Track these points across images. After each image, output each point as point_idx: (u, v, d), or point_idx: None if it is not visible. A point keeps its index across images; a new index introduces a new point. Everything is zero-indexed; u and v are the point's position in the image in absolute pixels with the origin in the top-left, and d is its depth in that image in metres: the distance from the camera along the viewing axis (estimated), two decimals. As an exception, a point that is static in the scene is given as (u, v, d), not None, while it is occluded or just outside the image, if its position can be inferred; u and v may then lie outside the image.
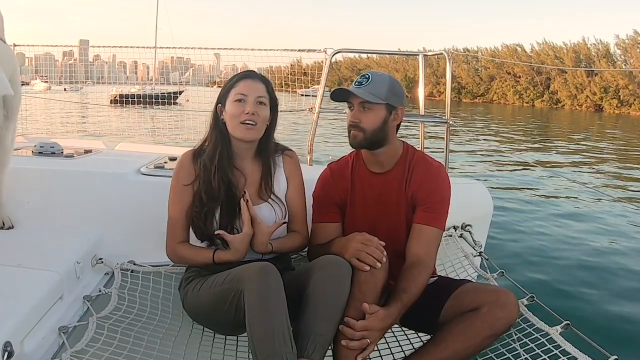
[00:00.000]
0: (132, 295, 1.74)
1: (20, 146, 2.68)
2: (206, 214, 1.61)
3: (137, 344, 1.50)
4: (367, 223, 1.69)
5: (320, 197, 1.78)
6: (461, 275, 1.96)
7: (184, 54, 4.62)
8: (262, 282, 1.36)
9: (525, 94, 57.33)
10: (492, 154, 11.20)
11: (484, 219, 2.45)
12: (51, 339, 1.44)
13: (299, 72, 4.05)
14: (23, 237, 1.90)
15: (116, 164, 2.39)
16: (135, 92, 7.43)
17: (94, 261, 1.89)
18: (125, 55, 4.15)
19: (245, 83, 1.63)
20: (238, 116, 1.60)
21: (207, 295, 1.54)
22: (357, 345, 1.40)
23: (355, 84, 1.65)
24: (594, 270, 4.12)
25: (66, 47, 5.97)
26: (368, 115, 1.64)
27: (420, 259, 1.59)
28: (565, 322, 1.44)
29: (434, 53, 2.86)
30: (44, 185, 2.10)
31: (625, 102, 48.01)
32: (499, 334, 1.45)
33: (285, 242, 1.70)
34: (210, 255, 1.61)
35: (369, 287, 1.45)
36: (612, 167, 11.10)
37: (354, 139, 1.66)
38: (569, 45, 56.36)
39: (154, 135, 4.56)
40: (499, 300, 1.44)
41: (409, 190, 1.69)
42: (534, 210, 6.30)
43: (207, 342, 1.67)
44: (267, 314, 1.32)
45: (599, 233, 5.35)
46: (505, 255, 4.22)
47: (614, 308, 3.37)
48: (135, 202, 2.08)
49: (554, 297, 3.37)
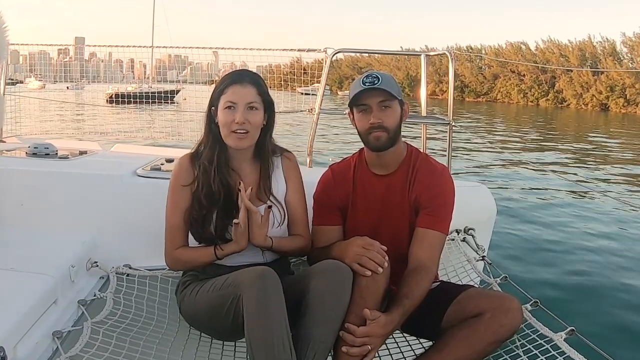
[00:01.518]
0: (127, 300, 1.72)
1: (14, 147, 2.66)
2: (205, 216, 1.59)
3: (133, 350, 1.48)
4: (368, 226, 1.67)
5: (321, 199, 1.75)
6: (464, 280, 1.94)
7: (181, 52, 4.59)
8: (261, 287, 1.34)
9: (530, 93, 56.66)
10: (495, 156, 11.17)
11: (487, 223, 2.43)
12: (45, 344, 1.43)
13: (299, 70, 4.02)
14: (16, 240, 1.88)
15: (112, 166, 2.36)
16: (132, 91, 7.39)
17: (89, 265, 1.87)
18: (122, 53, 4.10)
19: (233, 89, 1.58)
20: (229, 125, 1.57)
21: (205, 300, 1.52)
22: (358, 351, 1.39)
23: (368, 84, 1.60)
24: (599, 275, 4.09)
25: (61, 46, 5.92)
26: (388, 114, 1.62)
27: (423, 264, 1.56)
28: (570, 328, 1.43)
29: (437, 53, 2.83)
30: (38, 187, 2.07)
31: (632, 102, 47.67)
32: (503, 340, 1.43)
33: (286, 240, 1.67)
34: (212, 251, 1.58)
35: (370, 293, 1.43)
36: (619, 169, 11.03)
37: (377, 140, 1.62)
38: (574, 43, 55.86)
39: (151, 135, 4.52)
40: (503, 305, 1.43)
41: (412, 193, 1.66)
42: (538, 213, 6.25)
43: (204, 348, 1.65)
44: (266, 320, 1.30)
45: (605, 237, 5.29)
46: (509, 260, 4.19)
47: (619, 313, 3.35)
48: (131, 204, 2.05)
49: (559, 302, 3.33)
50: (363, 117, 1.64)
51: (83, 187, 2.09)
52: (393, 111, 1.63)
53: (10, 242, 1.86)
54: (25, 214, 2.02)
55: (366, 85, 1.60)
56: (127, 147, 3.16)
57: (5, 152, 2.49)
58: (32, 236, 1.89)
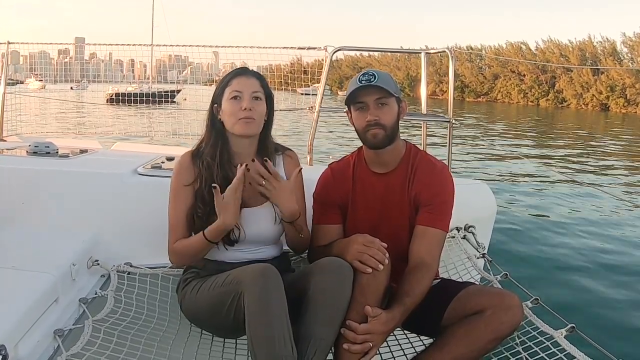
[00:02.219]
0: (128, 298, 1.72)
1: (14, 146, 2.65)
2: (209, 213, 1.58)
3: (134, 348, 1.48)
4: (369, 224, 1.66)
5: (321, 197, 1.75)
6: (464, 278, 1.94)
7: (181, 52, 4.59)
8: (262, 284, 1.34)
9: (530, 93, 56.58)
10: (495, 154, 11.17)
11: (487, 220, 2.42)
12: (46, 343, 1.42)
13: (299, 70, 4.02)
14: (17, 239, 1.88)
15: (112, 164, 2.36)
16: (132, 91, 7.39)
17: (90, 263, 1.87)
18: (122, 53, 4.11)
19: (238, 80, 1.62)
20: (236, 113, 1.59)
21: (206, 297, 1.52)
22: (359, 349, 1.38)
23: (364, 81, 1.60)
24: (600, 273, 4.09)
25: (61, 45, 5.91)
26: (385, 111, 1.62)
27: (424, 262, 1.56)
28: (570, 325, 1.43)
29: (437, 51, 2.82)
30: (38, 186, 2.07)
31: (632, 101, 47.48)
32: (503, 337, 1.43)
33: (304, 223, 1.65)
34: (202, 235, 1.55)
35: (371, 290, 1.42)
36: (619, 168, 11.02)
37: (374, 137, 1.62)
38: (574, 43, 55.75)
39: (151, 134, 4.52)
40: (503, 303, 1.42)
41: (412, 190, 1.66)
42: (539, 211, 6.25)
43: (205, 345, 1.65)
44: (267, 317, 1.30)
45: (605, 234, 5.29)
46: (509, 257, 4.16)
47: (619, 310, 3.35)
48: (132, 202, 2.05)
49: (559, 299, 3.33)
50: (360, 115, 1.63)
51: (84, 186, 2.08)
52: (390, 108, 1.62)
53: (11, 240, 1.86)
54: (25, 212, 2.01)
55: (362, 83, 1.60)
56: (128, 145, 3.15)
57: (6, 150, 2.49)
58: (32, 235, 1.89)
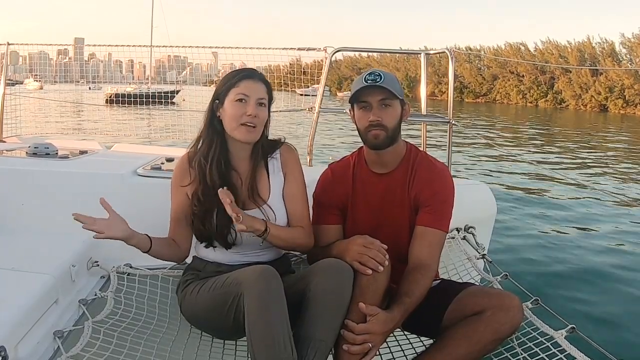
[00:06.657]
0: (128, 299, 1.72)
1: (14, 147, 2.66)
2: (204, 214, 1.58)
3: (134, 349, 1.48)
4: (369, 225, 1.66)
5: (321, 198, 1.74)
6: (464, 278, 1.94)
7: (180, 53, 4.58)
8: (262, 285, 1.33)
9: (529, 94, 56.59)
10: (495, 155, 11.16)
11: (487, 221, 2.43)
12: (46, 344, 1.42)
13: (299, 71, 4.01)
14: (17, 240, 1.87)
15: (112, 165, 2.36)
16: (131, 92, 7.39)
17: (90, 264, 1.87)
18: (121, 53, 4.10)
19: (247, 83, 1.57)
20: (239, 117, 1.55)
21: (206, 298, 1.51)
22: (359, 349, 1.38)
23: (370, 81, 1.59)
24: (600, 273, 4.08)
25: (61, 46, 5.91)
26: (388, 112, 1.61)
27: (423, 262, 1.56)
28: (571, 326, 1.43)
29: (436, 51, 2.82)
30: (38, 187, 2.07)
31: (631, 102, 47.44)
32: (503, 338, 1.43)
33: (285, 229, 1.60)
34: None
35: (371, 291, 1.42)
36: (618, 168, 11.00)
37: (375, 138, 1.62)
38: (573, 44, 55.74)
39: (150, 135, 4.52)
40: (503, 303, 1.42)
41: (412, 191, 1.66)
42: (539, 211, 6.24)
43: (205, 347, 1.65)
44: (267, 319, 1.30)
45: (605, 235, 5.28)
46: (509, 258, 4.18)
47: (620, 311, 3.35)
48: (132, 203, 2.04)
49: (559, 300, 3.34)
50: (363, 115, 1.63)
51: (83, 187, 2.08)
52: (393, 110, 1.62)
53: (11, 241, 1.85)
54: (25, 213, 2.01)
55: (368, 82, 1.59)
56: (127, 146, 3.15)
57: (6, 152, 2.49)
58: (32, 236, 1.89)
